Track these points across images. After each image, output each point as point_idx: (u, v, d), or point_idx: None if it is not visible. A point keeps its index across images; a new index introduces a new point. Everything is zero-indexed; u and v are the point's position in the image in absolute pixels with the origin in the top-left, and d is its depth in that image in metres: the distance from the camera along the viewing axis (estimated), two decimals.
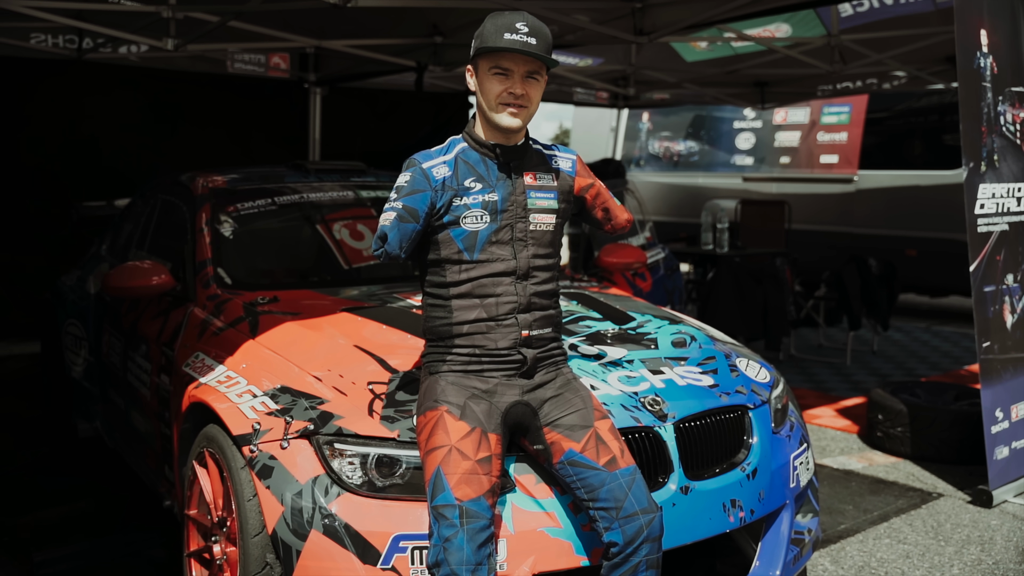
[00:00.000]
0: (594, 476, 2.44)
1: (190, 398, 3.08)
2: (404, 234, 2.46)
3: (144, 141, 8.07)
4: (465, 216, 2.47)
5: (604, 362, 3.00)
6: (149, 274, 3.78)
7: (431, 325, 2.56)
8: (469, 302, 2.50)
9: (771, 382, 3.29)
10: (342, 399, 2.73)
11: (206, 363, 3.24)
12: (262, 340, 3.19)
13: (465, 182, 2.49)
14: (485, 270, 2.49)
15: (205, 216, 4.05)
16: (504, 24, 2.43)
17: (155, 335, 3.81)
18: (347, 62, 8.63)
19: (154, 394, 3.71)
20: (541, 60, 2.45)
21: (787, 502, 3.06)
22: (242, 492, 2.66)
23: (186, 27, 6.58)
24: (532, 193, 2.55)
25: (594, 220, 2.78)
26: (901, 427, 5.04)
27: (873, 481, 4.67)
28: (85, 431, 4.93)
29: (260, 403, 2.80)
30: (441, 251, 2.51)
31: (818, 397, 6.42)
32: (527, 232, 2.52)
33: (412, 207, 2.45)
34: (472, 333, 2.50)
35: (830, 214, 10.98)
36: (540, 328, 2.55)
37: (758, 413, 3.08)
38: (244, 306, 3.49)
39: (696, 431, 2.85)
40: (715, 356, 3.26)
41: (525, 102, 2.47)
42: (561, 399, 2.53)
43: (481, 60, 2.48)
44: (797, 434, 3.26)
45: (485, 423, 2.43)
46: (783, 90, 10.10)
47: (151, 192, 4.99)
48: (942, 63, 8.66)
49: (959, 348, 8.45)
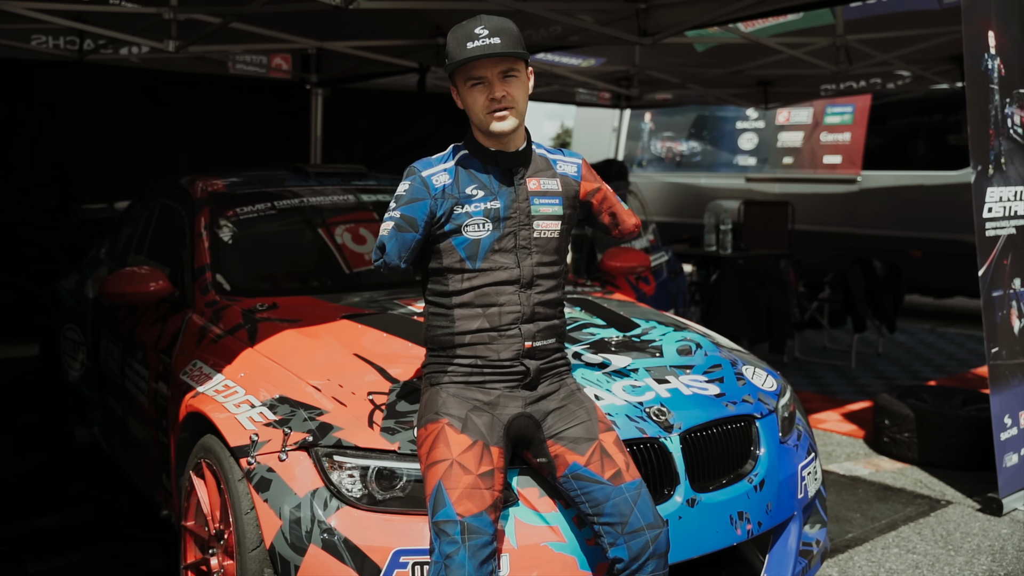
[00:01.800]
0: (599, 490, 2.39)
1: (187, 407, 3.03)
2: (403, 244, 2.40)
3: (145, 143, 8.02)
4: (467, 224, 2.42)
5: (608, 371, 2.95)
6: (147, 280, 3.73)
7: (432, 334, 2.51)
8: (471, 311, 2.44)
9: (778, 390, 3.23)
10: (342, 410, 2.68)
11: (204, 371, 3.19)
12: (261, 348, 3.14)
13: (466, 190, 2.43)
14: (488, 279, 2.43)
15: (204, 221, 4.00)
16: (464, 35, 2.35)
17: (153, 342, 3.76)
18: (349, 63, 8.58)
19: (152, 402, 3.66)
20: (509, 56, 2.36)
21: (795, 513, 3.01)
22: (239, 505, 2.62)
23: (187, 29, 6.53)
24: (536, 199, 2.48)
25: (601, 225, 2.72)
26: (908, 432, 4.98)
27: (880, 488, 4.62)
28: (83, 437, 4.89)
29: (258, 413, 2.75)
30: (443, 260, 2.45)
31: (823, 401, 6.37)
32: (531, 240, 2.47)
33: (411, 216, 2.40)
34: (474, 343, 2.44)
35: (833, 215, 10.91)
36: (544, 339, 2.50)
37: (765, 423, 3.03)
38: (243, 313, 3.44)
39: (702, 442, 2.80)
40: (721, 364, 3.21)
41: (510, 103, 2.39)
42: (565, 411, 2.48)
43: (457, 77, 2.41)
44: (805, 443, 3.20)
45: (487, 436, 2.38)
46: (786, 90, 10.03)
47: (150, 195, 4.94)
48: (947, 63, 8.60)
49: (964, 350, 8.39)
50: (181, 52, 6.67)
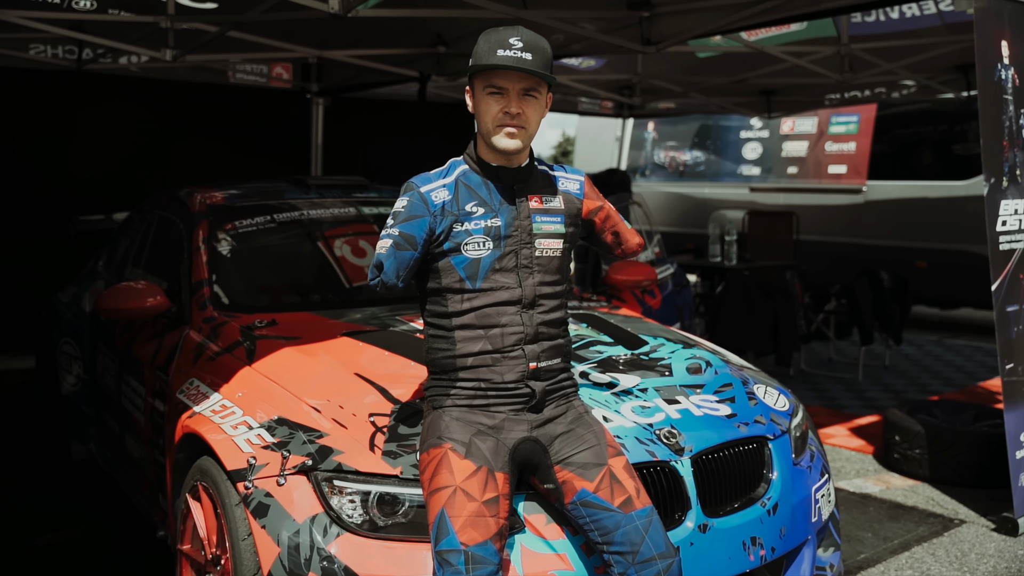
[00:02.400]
0: (608, 518, 2.30)
1: (183, 428, 2.94)
2: (401, 263, 2.32)
3: (144, 153, 7.96)
4: (467, 243, 2.34)
5: (617, 391, 2.86)
6: (143, 295, 3.65)
7: (433, 357, 2.42)
8: (472, 333, 2.36)
9: (790, 410, 3.15)
10: (342, 432, 2.60)
11: (201, 390, 3.11)
12: (259, 367, 3.05)
13: (466, 207, 2.35)
14: (489, 299, 2.35)
15: (202, 234, 3.92)
16: (497, 40, 2.28)
17: (150, 358, 3.68)
18: (350, 72, 8.52)
19: (148, 420, 3.58)
20: (537, 76, 2.29)
21: (809, 538, 2.92)
22: (236, 531, 2.53)
23: (185, 38, 6.46)
24: (537, 217, 2.40)
25: (603, 244, 2.64)
26: (919, 449, 4.89)
27: (892, 506, 4.52)
28: (79, 453, 4.80)
29: (256, 435, 2.67)
30: (442, 279, 2.37)
31: (831, 415, 6.27)
32: (533, 258, 2.38)
33: (409, 234, 2.32)
34: (477, 366, 2.36)
35: (838, 225, 10.83)
36: (548, 359, 2.41)
37: (778, 444, 2.94)
38: (241, 330, 3.36)
39: (714, 465, 2.72)
40: (732, 383, 3.12)
41: (522, 122, 2.31)
42: (573, 435, 2.39)
43: (476, 80, 2.34)
44: (818, 464, 3.11)
45: (492, 461, 2.29)
46: (790, 99, 9.97)
47: (148, 207, 4.86)
48: (952, 72, 8.54)
49: (972, 363, 8.30)
50: (180, 61, 6.60)
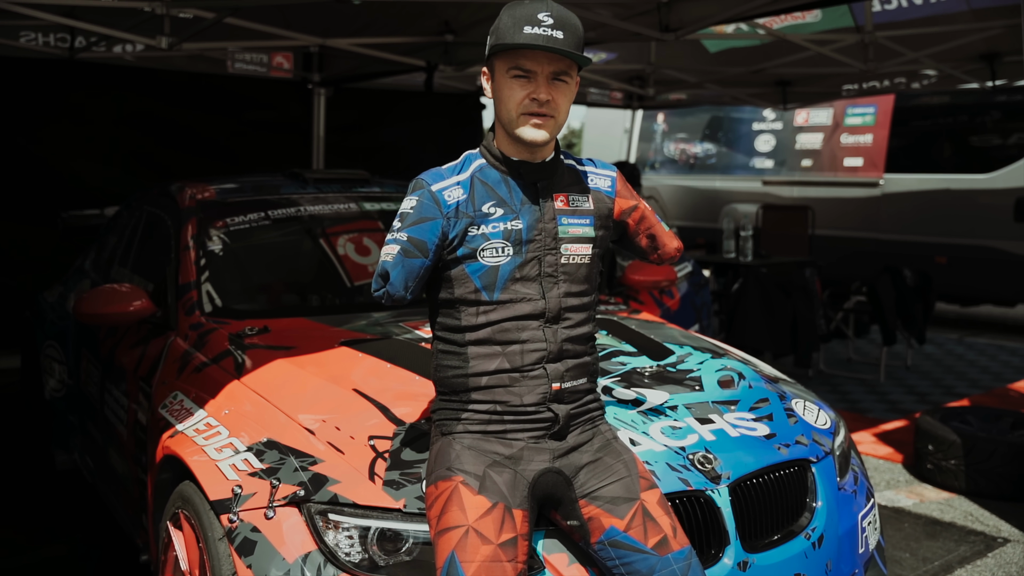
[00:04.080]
0: (641, 561, 2.02)
1: (164, 449, 2.67)
2: (410, 271, 2.04)
3: (138, 145, 7.69)
4: (483, 248, 2.05)
5: (644, 409, 2.58)
6: (127, 299, 3.37)
7: (443, 376, 2.14)
8: (489, 350, 2.07)
9: (832, 428, 2.87)
10: (338, 458, 2.32)
11: (185, 406, 2.83)
12: (248, 380, 2.78)
13: (483, 207, 2.06)
14: (508, 312, 2.06)
15: (191, 232, 3.64)
16: (523, 15, 1.99)
17: (133, 367, 3.41)
18: (353, 62, 8.22)
19: (131, 434, 3.30)
20: (570, 58, 2.01)
21: (856, 572, 2.64)
22: (220, 568, 2.26)
23: (181, 25, 6.17)
24: (564, 219, 2.11)
25: (638, 249, 2.34)
26: (955, 460, 4.60)
27: (928, 522, 4.25)
28: (63, 463, 4.53)
29: (242, 460, 2.40)
30: (455, 290, 2.09)
31: (855, 420, 5.98)
32: (558, 266, 2.09)
33: (419, 239, 2.03)
34: (492, 387, 2.07)
35: (854, 219, 10.52)
36: (573, 379, 2.12)
37: (821, 467, 2.66)
38: (230, 338, 3.08)
39: (754, 493, 2.44)
40: (768, 398, 2.84)
41: (551, 110, 2.03)
42: (600, 465, 2.11)
43: (497, 61, 2.05)
44: (863, 488, 2.84)
45: (509, 497, 2.01)
46: (806, 90, 9.64)
47: (137, 202, 4.59)
48: (976, 61, 8.22)
49: (997, 363, 8.00)
50: (176, 50, 6.31)
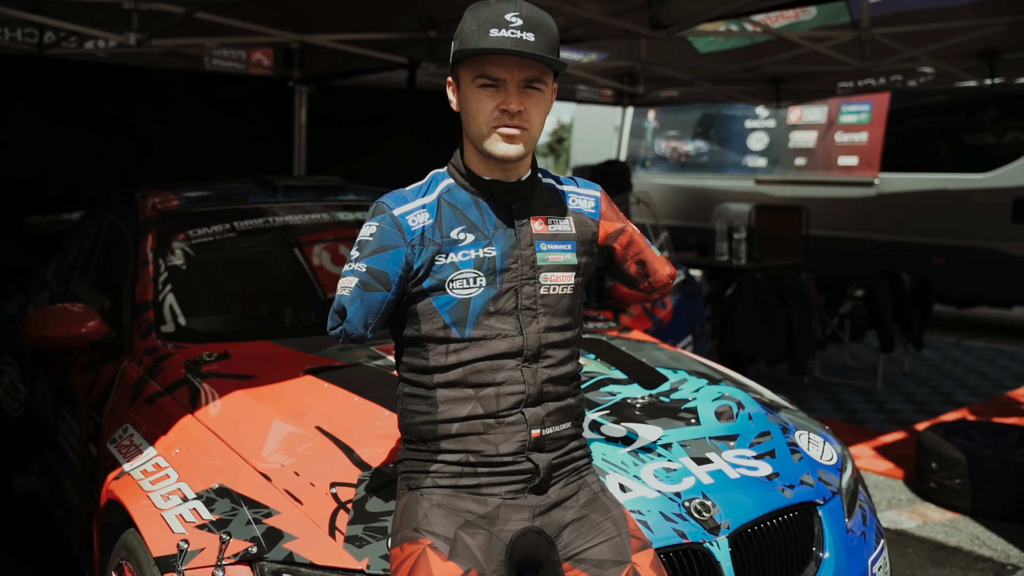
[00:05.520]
0: None
1: (108, 493, 2.43)
2: (370, 307, 1.81)
3: (110, 146, 7.40)
4: (453, 279, 1.82)
5: (635, 448, 2.36)
6: (78, 321, 3.11)
7: (410, 422, 1.90)
8: (460, 393, 1.84)
9: (839, 464, 2.65)
10: (296, 509, 2.09)
11: (134, 442, 2.59)
12: (203, 415, 2.54)
13: (452, 233, 1.83)
14: (481, 351, 1.83)
15: (150, 246, 3.40)
16: (489, 17, 1.75)
17: (85, 392, 3.16)
18: (335, 59, 7.96)
19: (83, 465, 3.06)
20: (543, 63, 1.77)
21: None
22: None
23: (151, 20, 5.90)
24: (543, 245, 1.88)
25: (626, 277, 2.10)
26: (959, 479, 4.39)
27: (933, 547, 4.04)
28: (20, 486, 4.27)
29: (190, 510, 2.16)
30: (421, 326, 1.85)
31: (852, 432, 5.78)
32: (537, 298, 1.86)
33: (380, 270, 1.80)
34: (464, 435, 1.84)
35: (849, 219, 10.31)
36: (555, 424, 1.89)
37: (829, 510, 2.44)
38: (186, 364, 2.84)
39: (755, 543, 2.22)
40: (770, 431, 2.62)
41: (524, 122, 1.79)
42: (586, 523, 1.87)
43: (462, 69, 1.81)
44: (872, 528, 2.62)
45: (483, 562, 1.78)
46: (800, 87, 9.42)
47: (100, 210, 4.34)
48: (975, 58, 8.01)
49: (996, 368, 7.81)
50: (146, 46, 6.05)
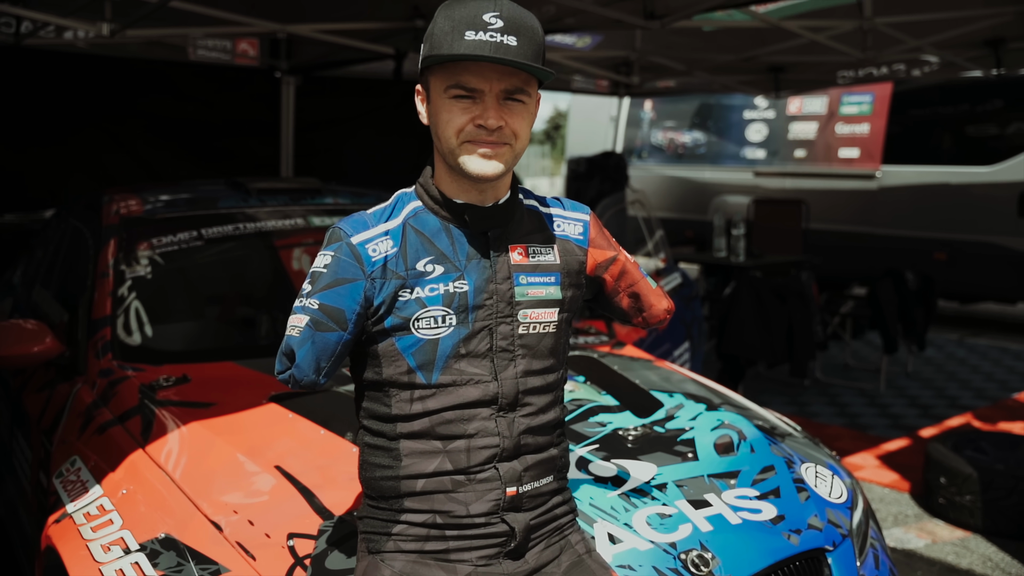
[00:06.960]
0: None
1: (46, 539, 2.21)
2: (323, 349, 1.58)
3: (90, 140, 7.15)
4: (418, 318, 1.59)
5: (626, 490, 2.14)
6: (30, 340, 2.88)
7: (370, 476, 1.68)
8: (426, 445, 1.62)
9: (849, 501, 2.43)
10: (248, 567, 1.88)
11: (81, 477, 2.38)
12: (154, 450, 2.32)
13: (418, 264, 1.60)
14: (450, 399, 1.60)
15: (110, 256, 3.17)
16: (464, 17, 1.51)
17: (37, 416, 2.95)
18: (322, 49, 7.72)
19: (34, 494, 2.84)
20: (527, 71, 1.54)
21: None
22: None
23: (125, 8, 5.65)
24: (522, 278, 1.65)
25: (618, 311, 1.87)
26: (970, 495, 4.19)
27: (943, 569, 3.83)
28: None
29: (131, 564, 1.94)
30: (383, 370, 1.62)
31: (855, 439, 5.57)
32: (514, 338, 1.63)
33: (335, 307, 1.57)
34: (431, 492, 1.62)
35: (850, 213, 10.09)
36: (534, 480, 1.67)
37: (838, 556, 2.23)
38: (141, 390, 2.62)
39: None
40: (774, 466, 2.41)
41: (505, 137, 1.56)
42: None
43: (433, 77, 1.57)
44: (884, 570, 2.41)
45: None
46: (800, 77, 9.18)
47: (66, 212, 4.11)
48: (981, 48, 7.78)
49: (1002, 368, 7.61)
50: (121, 36, 5.81)
